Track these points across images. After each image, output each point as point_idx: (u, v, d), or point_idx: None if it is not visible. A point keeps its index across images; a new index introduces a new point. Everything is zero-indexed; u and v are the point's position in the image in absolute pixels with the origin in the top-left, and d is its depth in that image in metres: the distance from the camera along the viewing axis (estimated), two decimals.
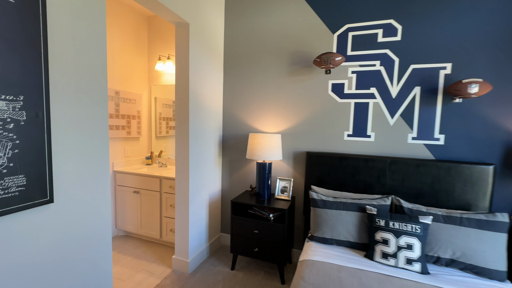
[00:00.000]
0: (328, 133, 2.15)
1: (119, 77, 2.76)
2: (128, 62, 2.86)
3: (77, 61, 1.15)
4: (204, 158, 2.25)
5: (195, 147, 2.12)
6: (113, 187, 2.77)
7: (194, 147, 2.11)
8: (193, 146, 2.09)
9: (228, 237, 2.62)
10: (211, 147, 2.36)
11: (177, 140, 2.09)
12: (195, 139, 2.11)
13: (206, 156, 2.29)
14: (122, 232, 2.85)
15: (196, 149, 2.13)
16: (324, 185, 2.09)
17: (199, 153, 2.17)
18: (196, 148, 2.13)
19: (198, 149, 2.15)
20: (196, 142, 2.13)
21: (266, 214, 2.06)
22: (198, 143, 2.15)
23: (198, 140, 2.16)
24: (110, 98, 2.64)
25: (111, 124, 2.67)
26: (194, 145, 2.10)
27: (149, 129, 3.22)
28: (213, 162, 2.41)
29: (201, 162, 2.22)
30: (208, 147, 2.31)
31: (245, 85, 2.42)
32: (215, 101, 2.38)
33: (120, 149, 2.84)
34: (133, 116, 2.95)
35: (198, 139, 2.16)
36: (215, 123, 2.42)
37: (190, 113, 2.03)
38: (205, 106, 2.22)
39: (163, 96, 3.12)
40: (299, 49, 2.20)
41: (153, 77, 3.14)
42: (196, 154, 2.14)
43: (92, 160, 1.25)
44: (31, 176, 0.98)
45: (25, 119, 0.95)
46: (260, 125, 2.38)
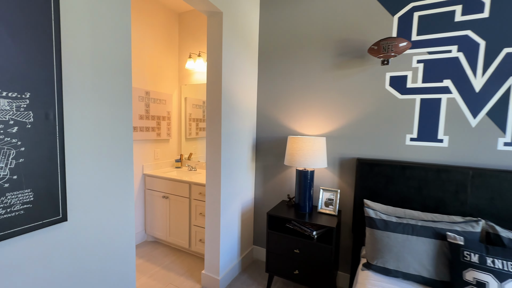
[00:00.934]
0: (385, 136, 1.78)
1: (149, 76, 2.66)
2: (159, 61, 2.75)
3: (96, 53, 0.97)
4: (236, 163, 2.02)
5: (227, 151, 1.89)
6: (142, 190, 2.68)
7: (226, 151, 1.88)
8: (225, 150, 1.86)
9: (261, 251, 2.36)
10: (244, 151, 2.12)
11: (208, 144, 1.88)
12: (227, 142, 1.88)
13: (239, 161, 2.06)
14: (151, 238, 2.74)
15: (228, 153, 1.91)
16: (380, 199, 1.73)
17: (231, 158, 1.94)
18: (228, 153, 1.91)
19: (230, 154, 1.93)
20: (229, 145, 1.90)
21: (309, 231, 1.76)
22: (230, 146, 1.92)
23: (231, 144, 1.93)
24: (140, 98, 2.54)
25: (141, 126, 2.58)
26: (226, 149, 1.87)
27: (178, 130, 3.10)
28: (246, 168, 2.18)
29: (234, 167, 1.99)
30: (241, 151, 2.07)
31: (282, 82, 2.14)
32: (248, 100, 2.14)
33: (150, 151, 2.74)
34: (163, 117, 2.84)
35: (231, 142, 1.93)
36: (249, 125, 2.18)
37: (223, 113, 1.81)
38: (238, 105, 1.99)
39: (193, 96, 2.97)
40: (348, 37, 1.87)
41: (183, 76, 3.01)
42: (228, 159, 1.91)
43: (113, 170, 1.07)
44: (39, 191, 0.80)
45: (32, 121, 0.78)
46: (300, 127, 2.09)
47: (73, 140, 0.91)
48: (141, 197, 2.66)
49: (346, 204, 1.95)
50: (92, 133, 0.98)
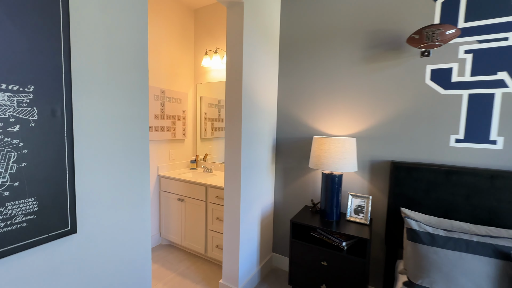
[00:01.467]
0: (425, 137, 1.59)
1: (165, 74, 2.57)
2: (174, 59, 2.66)
3: (110, 43, 0.86)
4: (256, 165, 1.88)
5: (247, 152, 1.76)
6: (157, 192, 2.60)
7: (246, 152, 1.75)
8: (245, 151, 1.73)
9: (281, 259, 2.21)
10: (264, 152, 1.98)
11: (227, 145, 1.75)
12: (247, 143, 1.75)
13: (259, 163, 1.92)
14: (166, 241, 2.66)
15: (248, 155, 1.77)
16: (419, 208, 1.53)
17: (251, 160, 1.81)
18: (248, 154, 1.77)
19: (250, 155, 1.79)
20: (249, 146, 1.77)
21: (337, 241, 1.60)
22: (250, 147, 1.79)
23: (251, 145, 1.79)
24: (156, 97, 2.46)
25: (156, 125, 2.49)
26: (246, 151, 1.74)
27: (194, 130, 3.01)
28: (266, 170, 2.03)
29: (254, 170, 1.85)
30: (261, 152, 1.93)
31: (305, 78, 1.99)
32: (269, 98, 2.00)
33: (165, 152, 2.65)
34: (178, 117, 2.74)
35: (251, 143, 1.79)
36: (269, 124, 2.03)
37: (243, 112, 1.68)
38: (258, 103, 1.85)
39: (209, 95, 2.86)
40: (381, 27, 1.68)
41: (199, 74, 2.91)
42: (248, 161, 1.77)
43: (128, 174, 0.96)
44: (44, 199, 0.70)
45: (37, 119, 0.67)
46: (325, 127, 1.92)
47: (83, 141, 0.80)
48: (156, 199, 2.58)
49: (378, 212, 1.76)
50: (105, 133, 0.87)
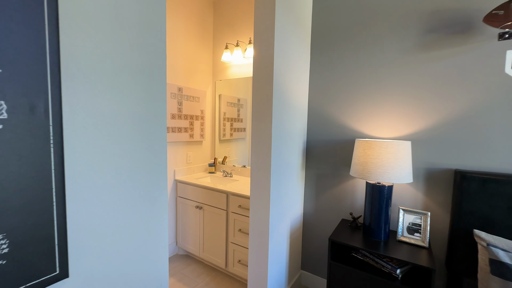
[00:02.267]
0: (505, 140, 1.26)
1: (182, 71, 2.38)
2: (192, 54, 2.47)
3: (117, 14, 0.64)
4: (286, 172, 1.63)
5: (277, 157, 1.51)
6: (173, 198, 2.41)
7: (277, 157, 1.50)
8: (275, 156, 1.48)
9: (312, 278, 1.94)
10: (294, 157, 1.72)
11: (255, 148, 1.51)
12: (277, 147, 1.50)
13: (289, 170, 1.67)
14: (182, 251, 2.46)
15: (278, 160, 1.52)
16: (497, 231, 1.22)
17: (281, 166, 1.56)
18: (278, 159, 1.52)
19: (280, 160, 1.54)
20: (279, 150, 1.52)
21: (388, 267, 1.31)
22: (280, 151, 1.54)
23: (281, 148, 1.54)
24: (173, 95, 2.27)
25: (173, 126, 2.30)
26: (276, 155, 1.49)
27: (212, 131, 2.80)
28: (296, 177, 1.77)
29: (283, 177, 1.60)
30: (291, 156, 1.68)
31: (343, 71, 1.71)
32: (299, 94, 1.74)
33: (182, 154, 2.46)
34: (196, 117, 2.54)
35: (281, 147, 1.54)
36: (300, 125, 1.77)
37: (274, 110, 1.43)
38: (290, 100, 1.60)
39: (228, 92, 2.64)
40: (444, 5, 1.38)
41: (218, 70, 2.69)
42: (278, 167, 1.53)
43: (139, 194, 0.74)
44: (20, 235, 0.48)
45: (7, 118, 0.45)
46: (368, 128, 1.63)
47: (78, 149, 0.58)
48: (172, 205, 2.39)
49: (436, 232, 1.45)
50: (107, 138, 0.65)
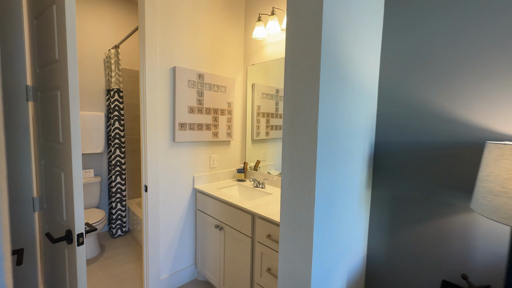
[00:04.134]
0: None
1: (204, 53, 1.91)
2: (217, 32, 1.98)
3: None
4: (341, 192, 0.97)
5: (325, 167, 0.87)
6: (192, 210, 1.96)
7: (324, 167, 0.86)
8: (323, 169, 0.85)
9: None
10: (354, 168, 1.05)
11: (287, 158, 0.90)
12: (326, 151, 0.86)
13: (346, 189, 1.00)
14: (202, 277, 2.00)
15: (327, 171, 0.88)
16: None
17: (332, 181, 0.91)
18: (327, 170, 0.88)
19: (330, 172, 0.89)
20: (328, 157, 0.87)
21: None
22: (332, 161, 0.89)
23: (332, 156, 0.89)
24: (191, 84, 1.82)
25: (192, 122, 1.85)
26: (324, 168, 0.85)
27: (243, 129, 2.28)
28: (357, 199, 1.10)
29: (336, 198, 0.94)
30: (349, 169, 1.01)
31: (447, 31, 0.96)
32: (365, 68, 1.05)
33: (204, 158, 1.99)
34: (222, 111, 2.05)
35: (333, 154, 0.89)
36: (364, 118, 1.08)
37: (322, 93, 0.80)
38: (348, 78, 0.93)
39: (264, 81, 2.08)
40: None
41: (250, 52, 2.15)
42: (327, 182, 0.88)
43: None
44: None
45: None
46: (504, 122, 0.86)
47: None
48: (191, 219, 1.95)
49: None
50: None
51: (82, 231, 0.96)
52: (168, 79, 1.71)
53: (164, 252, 1.80)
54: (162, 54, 1.67)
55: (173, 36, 1.71)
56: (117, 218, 2.68)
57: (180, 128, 1.78)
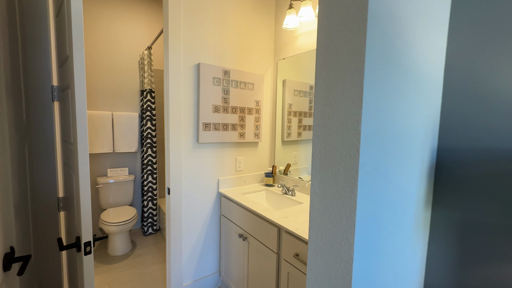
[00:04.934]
0: None
1: (230, 48, 1.78)
2: (245, 25, 1.83)
3: None
4: (390, 212, 0.73)
5: (371, 181, 0.64)
6: (217, 215, 1.85)
7: (369, 182, 0.64)
8: (366, 179, 0.63)
9: None
10: (407, 181, 0.79)
11: (318, 167, 0.71)
12: (371, 162, 0.63)
13: (397, 208, 0.76)
14: (226, 287, 1.88)
15: (373, 188, 0.65)
16: None
17: (379, 200, 0.68)
18: (373, 186, 0.65)
19: (376, 189, 0.66)
20: (374, 168, 0.65)
21: None
22: (378, 171, 0.66)
23: (379, 164, 0.66)
24: (216, 81, 1.70)
25: (217, 122, 1.74)
26: (368, 178, 0.63)
27: (272, 129, 2.10)
28: (411, 222, 0.84)
29: (383, 223, 0.71)
30: (400, 181, 0.76)
31: None
32: (425, 52, 0.78)
33: (230, 160, 1.87)
34: (249, 110, 1.90)
35: (379, 161, 0.66)
36: (423, 117, 0.82)
37: (366, 81, 0.58)
38: (402, 62, 0.69)
39: (296, 77, 1.87)
40: None
41: (281, 45, 1.97)
42: (372, 203, 0.66)
43: None
44: None
45: None
46: None
47: None
48: (215, 224, 1.84)
49: None
50: None
51: (90, 239, 0.89)
52: (192, 77, 1.62)
53: (187, 257, 1.72)
54: (186, 50, 1.58)
55: (197, 31, 1.61)
56: (148, 216, 2.72)
57: (204, 129, 1.68)
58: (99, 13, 2.49)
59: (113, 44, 2.59)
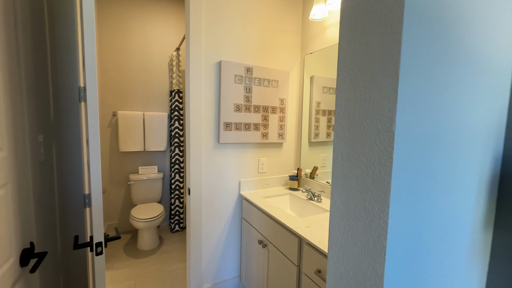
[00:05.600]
0: None
1: (253, 44, 1.70)
2: (270, 19, 1.74)
3: None
4: (435, 236, 0.57)
5: (408, 196, 0.50)
6: (238, 217, 1.79)
7: (406, 197, 0.49)
8: (401, 194, 0.49)
9: None
10: (460, 196, 0.62)
11: (340, 170, 0.58)
12: (409, 172, 0.49)
13: (445, 230, 0.59)
14: None
15: (411, 204, 0.51)
16: None
17: (419, 220, 0.53)
18: (411, 203, 0.51)
19: (415, 206, 0.51)
20: (413, 179, 0.50)
21: None
22: (418, 183, 0.51)
23: (419, 174, 0.51)
24: (238, 79, 1.64)
25: (238, 122, 1.67)
26: (404, 193, 0.49)
27: (297, 129, 1.97)
28: (465, 248, 0.66)
29: (426, 250, 0.55)
30: (449, 196, 0.59)
31: None
32: (485, 29, 0.60)
33: (252, 161, 1.79)
34: (273, 109, 1.80)
35: (420, 171, 0.51)
36: (481, 116, 0.63)
37: (403, 65, 0.45)
38: (452, 42, 0.53)
39: (324, 73, 1.72)
40: None
41: (308, 39, 1.83)
42: (410, 224, 0.51)
43: None
44: None
45: None
46: None
47: None
48: (236, 227, 1.78)
49: None
50: None
51: (101, 240, 0.88)
52: (213, 75, 1.58)
53: (207, 260, 1.69)
54: (207, 48, 1.54)
55: (219, 28, 1.56)
56: (175, 214, 2.78)
57: (225, 128, 1.62)
58: (133, 17, 2.60)
59: (146, 47, 2.69)
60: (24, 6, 0.88)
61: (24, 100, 0.84)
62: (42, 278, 0.97)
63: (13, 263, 0.77)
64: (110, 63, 2.56)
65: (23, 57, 0.85)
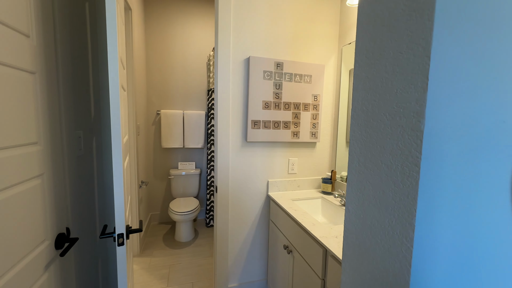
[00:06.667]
0: None
1: (285, 38, 1.60)
2: (303, 8, 1.62)
3: None
4: (479, 266, 0.42)
5: (440, 216, 0.37)
6: (265, 219, 1.73)
7: (437, 216, 0.37)
8: (431, 212, 0.36)
9: None
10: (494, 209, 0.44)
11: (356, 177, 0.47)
12: (442, 183, 0.36)
13: (492, 259, 0.43)
14: None
15: (443, 226, 0.37)
16: None
17: (458, 247, 0.39)
18: (443, 224, 0.37)
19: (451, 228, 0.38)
20: (446, 192, 0.37)
21: None
22: (454, 197, 0.37)
23: (455, 184, 0.37)
24: (267, 75, 1.57)
25: (267, 119, 1.61)
26: (435, 211, 0.36)
27: (333, 128, 1.81)
28: None
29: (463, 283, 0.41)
30: (495, 213, 0.43)
31: None
32: None
33: (282, 161, 1.71)
34: (305, 106, 1.68)
35: (456, 180, 0.37)
36: None
37: (435, 46, 0.32)
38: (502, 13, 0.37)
39: None
40: None
41: (346, 28, 1.65)
42: (446, 250, 0.38)
43: None
44: None
45: None
46: None
47: None
48: (263, 229, 1.73)
49: None
50: None
51: (123, 231, 0.92)
52: (241, 72, 1.54)
53: (233, 259, 1.68)
54: (236, 44, 1.51)
55: (248, 22, 1.51)
56: (210, 209, 2.86)
57: (253, 126, 1.58)
58: (176, 20, 2.75)
59: (186, 48, 2.82)
60: (64, 16, 0.96)
61: (61, 100, 0.93)
62: (78, 263, 1.07)
63: (48, 245, 0.85)
64: (155, 65, 2.75)
65: (61, 60, 0.93)
